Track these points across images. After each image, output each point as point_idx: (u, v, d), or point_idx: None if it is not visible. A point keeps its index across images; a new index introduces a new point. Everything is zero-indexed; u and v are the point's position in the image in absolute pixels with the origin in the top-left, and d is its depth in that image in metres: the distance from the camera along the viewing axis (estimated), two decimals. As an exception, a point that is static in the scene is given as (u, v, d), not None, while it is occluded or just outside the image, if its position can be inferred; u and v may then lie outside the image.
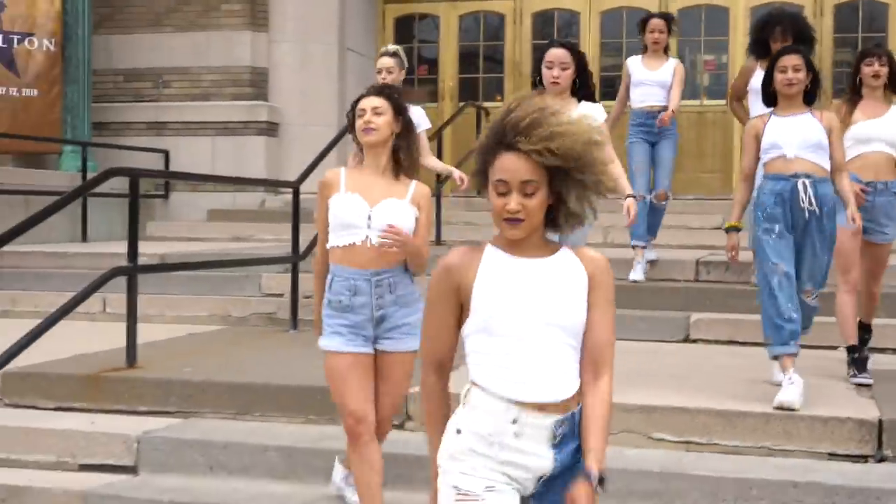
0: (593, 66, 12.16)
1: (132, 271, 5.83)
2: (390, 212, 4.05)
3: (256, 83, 12.45)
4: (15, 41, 11.56)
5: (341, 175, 4.14)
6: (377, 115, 4.12)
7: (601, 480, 2.42)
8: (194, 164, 11.94)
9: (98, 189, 7.09)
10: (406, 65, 7.02)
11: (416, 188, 4.18)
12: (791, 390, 4.88)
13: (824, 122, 5.21)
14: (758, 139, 5.26)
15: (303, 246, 7.74)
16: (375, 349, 4.12)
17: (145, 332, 6.39)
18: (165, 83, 12.54)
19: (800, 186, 5.10)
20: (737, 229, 5.37)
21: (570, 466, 2.50)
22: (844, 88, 6.66)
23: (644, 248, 7.78)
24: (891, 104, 5.94)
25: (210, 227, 11.50)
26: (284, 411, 5.39)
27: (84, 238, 11.03)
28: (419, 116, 6.73)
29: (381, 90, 4.29)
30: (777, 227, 5.11)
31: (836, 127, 5.26)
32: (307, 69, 12.56)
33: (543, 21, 13.50)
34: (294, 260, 7.68)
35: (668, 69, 7.90)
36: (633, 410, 4.88)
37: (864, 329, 5.89)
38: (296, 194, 7.86)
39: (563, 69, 5.25)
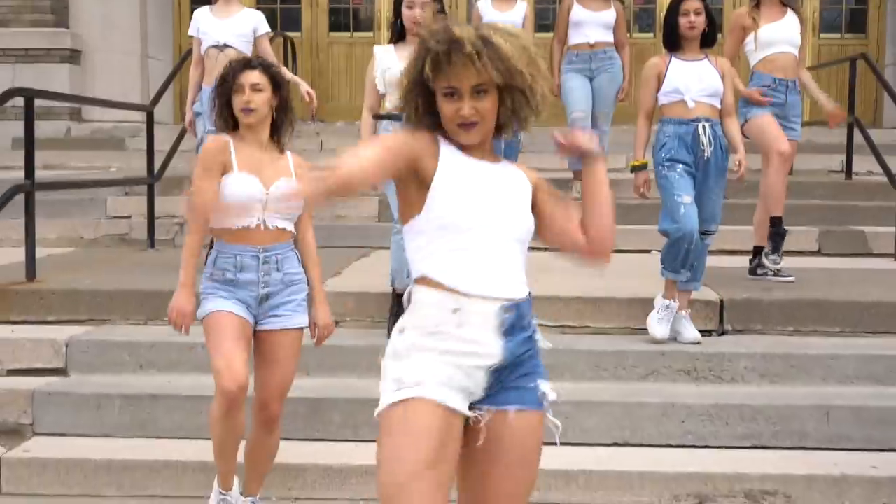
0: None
1: (30, 188, 6.02)
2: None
3: (57, 10, 12.23)
4: None
5: (231, 150, 3.97)
6: (256, 93, 3.98)
7: None
8: (-7, 91, 11.70)
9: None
10: None
11: (295, 160, 4.10)
12: (666, 322, 5.45)
13: (719, 68, 5.56)
14: (659, 79, 5.53)
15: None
16: (257, 330, 4.00)
17: (4, 255, 6.57)
18: (-40, 8, 12.13)
19: (700, 130, 5.43)
20: (643, 166, 5.60)
21: (521, 358, 2.58)
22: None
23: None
24: (787, 9, 6.57)
25: (16, 155, 11.30)
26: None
27: None
28: (259, 21, 6.85)
29: (260, 64, 4.09)
30: (679, 167, 5.40)
31: (728, 72, 5.62)
32: (108, -4, 12.48)
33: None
34: (150, 181, 7.94)
35: (520, 11, 8.25)
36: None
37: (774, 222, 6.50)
38: (149, 117, 8.10)
39: (425, 5, 5.42)
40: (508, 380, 2.56)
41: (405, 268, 5.31)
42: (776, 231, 6.47)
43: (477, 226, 2.52)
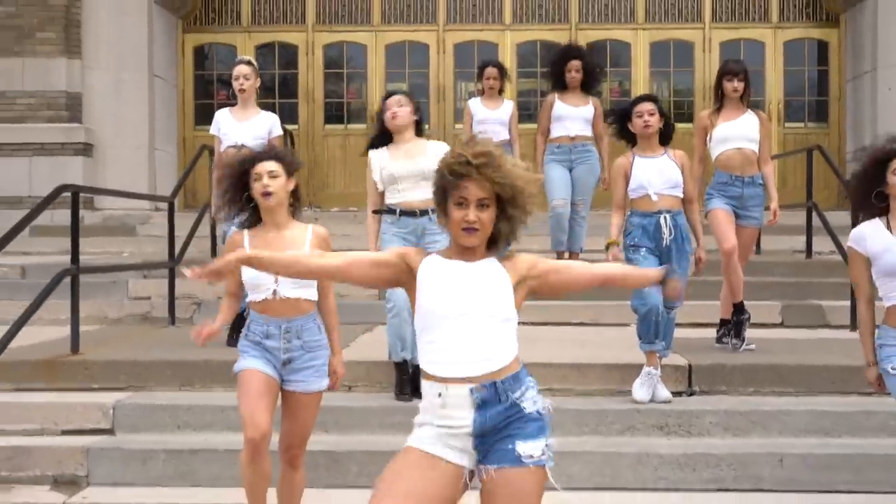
0: (377, 94, 13.79)
1: (76, 272, 6.80)
2: None
3: (72, 107, 13.16)
4: None
5: (245, 238, 4.60)
6: (273, 179, 4.53)
7: None
8: (12, 183, 12.57)
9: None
10: (258, 73, 7.71)
11: (312, 233, 4.66)
12: (648, 387, 6.17)
13: (678, 161, 6.28)
14: (626, 177, 6.25)
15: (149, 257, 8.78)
16: (283, 388, 4.64)
17: (39, 334, 7.29)
18: (-19, 106, 13.01)
19: (661, 221, 6.18)
20: (616, 244, 6.24)
21: (499, 425, 3.15)
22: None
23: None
24: (746, 110, 7.31)
25: (35, 242, 12.04)
26: (221, 383, 6.47)
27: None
28: (274, 123, 7.65)
29: (275, 154, 4.65)
30: (643, 250, 6.13)
31: (687, 164, 6.34)
32: (119, 94, 13.40)
33: (334, 52, 14.86)
34: (171, 265, 8.69)
35: (507, 108, 9.33)
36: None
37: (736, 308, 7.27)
38: (171, 207, 8.89)
39: (400, 106, 6.11)
40: (493, 441, 3.17)
41: (399, 343, 6.13)
42: (738, 319, 7.26)
43: (451, 314, 3.16)
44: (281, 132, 7.76)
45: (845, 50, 14.18)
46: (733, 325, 7.24)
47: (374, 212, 6.29)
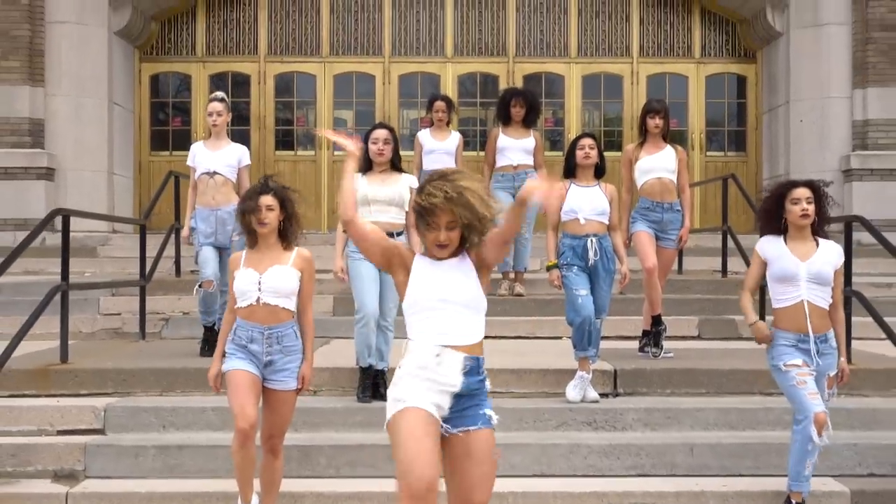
0: (326, 121, 14.63)
1: (66, 288, 7.52)
2: (275, 276, 5.43)
3: (34, 132, 13.77)
4: None
5: (243, 256, 5.57)
6: (269, 211, 5.46)
7: None
8: (-26, 206, 13.19)
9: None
10: (230, 109, 8.54)
11: (297, 254, 5.55)
12: (579, 389, 7.04)
13: (607, 193, 7.22)
14: (561, 200, 7.15)
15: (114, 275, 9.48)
16: (265, 387, 5.46)
17: (24, 346, 7.90)
18: (-55, 132, 13.57)
19: (588, 244, 7.09)
20: (555, 266, 7.12)
21: (473, 391, 4.01)
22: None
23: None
24: (665, 145, 8.28)
25: (0, 263, 12.69)
26: (199, 388, 7.20)
27: None
28: (242, 154, 8.45)
29: (273, 189, 5.53)
30: (575, 269, 7.05)
31: (615, 197, 7.28)
32: (80, 120, 14.06)
33: (285, 82, 15.64)
34: (142, 283, 9.40)
35: (454, 140, 10.28)
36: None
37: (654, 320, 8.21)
38: (143, 230, 9.61)
39: (386, 144, 7.01)
40: (466, 406, 4.00)
41: (366, 350, 6.94)
42: (656, 330, 8.21)
43: (437, 304, 4.02)
44: (249, 162, 8.52)
45: (762, 84, 15.32)
46: (652, 335, 8.16)
47: (345, 232, 7.13)
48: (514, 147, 10.07)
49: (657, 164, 8.25)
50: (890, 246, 7.25)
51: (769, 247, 5.85)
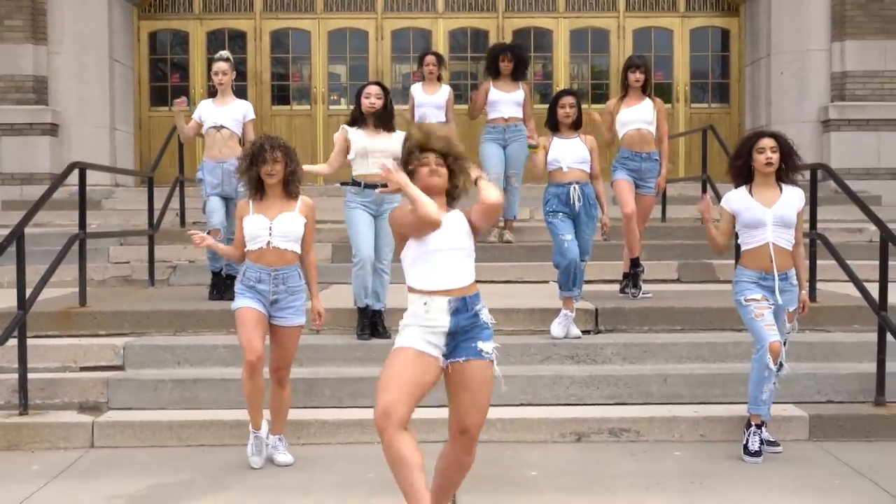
0: (320, 77, 15.02)
1: (84, 237, 8.05)
2: (284, 221, 5.91)
3: (38, 90, 14.20)
4: None
5: (250, 204, 6.00)
6: (276, 164, 5.90)
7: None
8: (-18, 161, 13.65)
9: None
10: (234, 68, 8.92)
11: (302, 201, 6.04)
12: (563, 326, 7.61)
13: (587, 144, 7.76)
14: (546, 150, 7.74)
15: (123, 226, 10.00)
16: (271, 323, 5.94)
17: (43, 292, 8.45)
18: (-49, 89, 14.00)
19: (571, 191, 7.61)
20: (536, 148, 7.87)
21: (466, 328, 4.33)
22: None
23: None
24: (644, 98, 8.79)
25: (8, 216, 13.15)
26: (210, 327, 7.82)
27: None
28: (247, 109, 8.92)
29: (280, 146, 5.94)
30: (560, 215, 7.59)
31: (595, 148, 7.78)
32: (82, 77, 14.48)
33: (280, 38, 16.05)
34: (150, 233, 9.91)
35: (444, 93, 10.75)
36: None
37: (633, 262, 8.78)
38: (150, 181, 10.10)
39: (378, 98, 7.51)
40: (460, 340, 4.36)
41: (363, 291, 7.47)
42: (634, 271, 8.75)
43: (433, 250, 4.38)
44: (253, 116, 9.02)
45: (745, 37, 15.76)
46: (631, 276, 8.71)
47: (342, 184, 7.66)
48: (505, 100, 10.58)
49: (636, 116, 8.76)
50: (851, 192, 7.75)
51: (735, 199, 6.38)
